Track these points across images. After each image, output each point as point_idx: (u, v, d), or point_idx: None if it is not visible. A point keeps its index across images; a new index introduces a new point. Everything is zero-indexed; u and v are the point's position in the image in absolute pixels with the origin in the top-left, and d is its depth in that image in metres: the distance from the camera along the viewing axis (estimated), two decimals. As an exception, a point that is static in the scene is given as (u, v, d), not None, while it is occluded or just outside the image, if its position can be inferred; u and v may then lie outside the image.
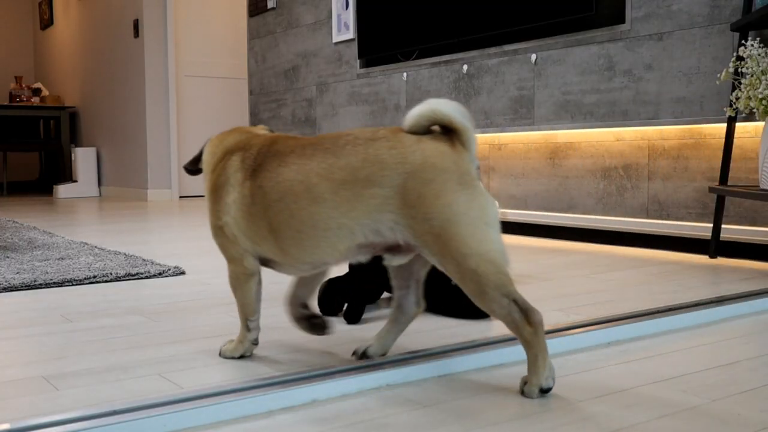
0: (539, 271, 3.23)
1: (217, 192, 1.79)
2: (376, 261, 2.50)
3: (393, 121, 5.62)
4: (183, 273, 3.26)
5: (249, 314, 1.82)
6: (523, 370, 1.76)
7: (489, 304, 1.54)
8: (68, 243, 4.18)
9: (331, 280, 2.45)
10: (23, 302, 2.65)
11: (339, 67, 6.20)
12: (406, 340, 2.05)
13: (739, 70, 3.38)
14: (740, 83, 3.40)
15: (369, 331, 2.17)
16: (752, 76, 3.20)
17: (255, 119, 7.34)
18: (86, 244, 4.13)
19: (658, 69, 3.90)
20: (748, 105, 3.24)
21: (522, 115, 4.62)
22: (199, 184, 9.15)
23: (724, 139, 3.71)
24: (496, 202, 1.91)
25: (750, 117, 3.51)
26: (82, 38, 10.53)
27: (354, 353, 1.84)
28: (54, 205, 8.21)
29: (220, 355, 1.88)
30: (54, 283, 2.97)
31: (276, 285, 2.95)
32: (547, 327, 2.09)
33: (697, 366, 1.81)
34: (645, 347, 2.00)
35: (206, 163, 1.88)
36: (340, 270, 3.28)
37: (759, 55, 3.19)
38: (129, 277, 3.12)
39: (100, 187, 9.96)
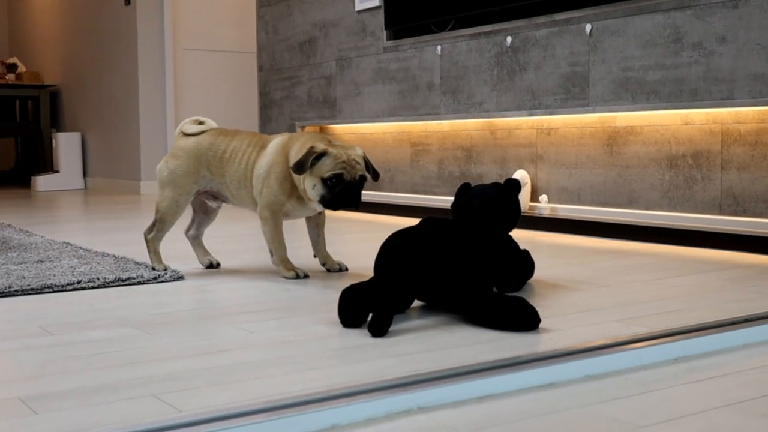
0: (595, 276, 3.23)
1: None
2: (405, 265, 2.50)
3: (425, 102, 5.62)
4: (181, 278, 3.27)
5: None
6: (577, 390, 1.76)
7: None
8: (48, 243, 4.21)
9: (353, 286, 2.45)
10: (-2, 311, 2.67)
11: (363, 39, 6.21)
12: (440, 355, 2.05)
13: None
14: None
15: (398, 345, 2.17)
16: None
17: (265, 99, 7.37)
18: (69, 244, 4.16)
19: (733, 41, 3.88)
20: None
21: (575, 94, 4.61)
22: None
23: (811, 122, 3.69)
24: None
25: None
26: (65, 6, 10.59)
27: None
28: (32, 199, 8.27)
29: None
30: (32, 289, 2.98)
31: (285, 292, 2.96)
32: (604, 340, 2.09)
33: (780, 387, 1.80)
34: (718, 364, 1.99)
35: None
36: (364, 275, 3.29)
37: None
38: (119, 282, 3.14)
39: (85, 179, 10.01)
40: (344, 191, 3.11)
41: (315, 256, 3.48)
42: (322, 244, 3.45)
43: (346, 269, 3.44)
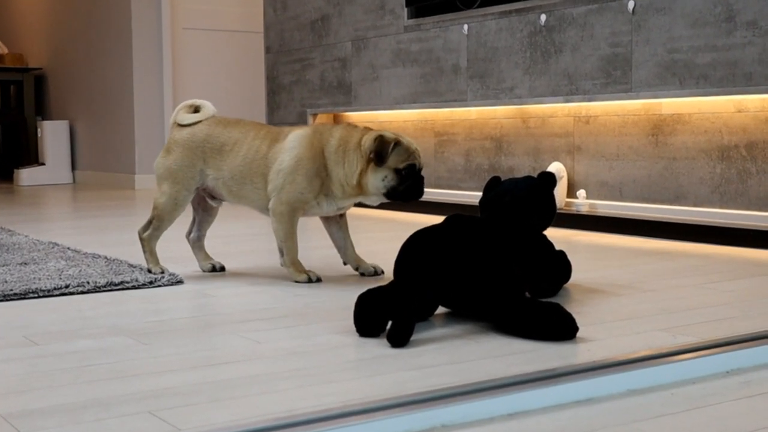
0: (638, 280, 3.22)
1: None
2: (428, 267, 2.50)
3: (450, 87, 5.62)
4: (180, 282, 3.28)
5: None
6: (617, 406, 1.76)
7: None
8: (33, 243, 4.23)
9: (370, 291, 2.45)
10: (-21, 318, 2.68)
11: (381, 17, 6.21)
12: (466, 367, 2.05)
13: None
14: None
15: (420, 356, 2.17)
16: None
17: (273, 84, 7.38)
18: (56, 244, 4.17)
19: (794, 18, 3.87)
20: None
21: (616, 79, 4.60)
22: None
23: None
24: None
25: None
26: (52, -18, 10.62)
27: None
28: (15, 194, 8.30)
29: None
30: (15, 295, 2.99)
31: (296, 298, 2.97)
32: (648, 351, 2.09)
33: None
34: (776, 379, 1.99)
35: None
36: (382, 279, 3.29)
37: None
38: (111, 287, 3.15)
39: (74, 172, 10.04)
40: (417, 182, 3.20)
41: (345, 263, 3.47)
42: (351, 246, 3.43)
43: (382, 272, 3.41)
